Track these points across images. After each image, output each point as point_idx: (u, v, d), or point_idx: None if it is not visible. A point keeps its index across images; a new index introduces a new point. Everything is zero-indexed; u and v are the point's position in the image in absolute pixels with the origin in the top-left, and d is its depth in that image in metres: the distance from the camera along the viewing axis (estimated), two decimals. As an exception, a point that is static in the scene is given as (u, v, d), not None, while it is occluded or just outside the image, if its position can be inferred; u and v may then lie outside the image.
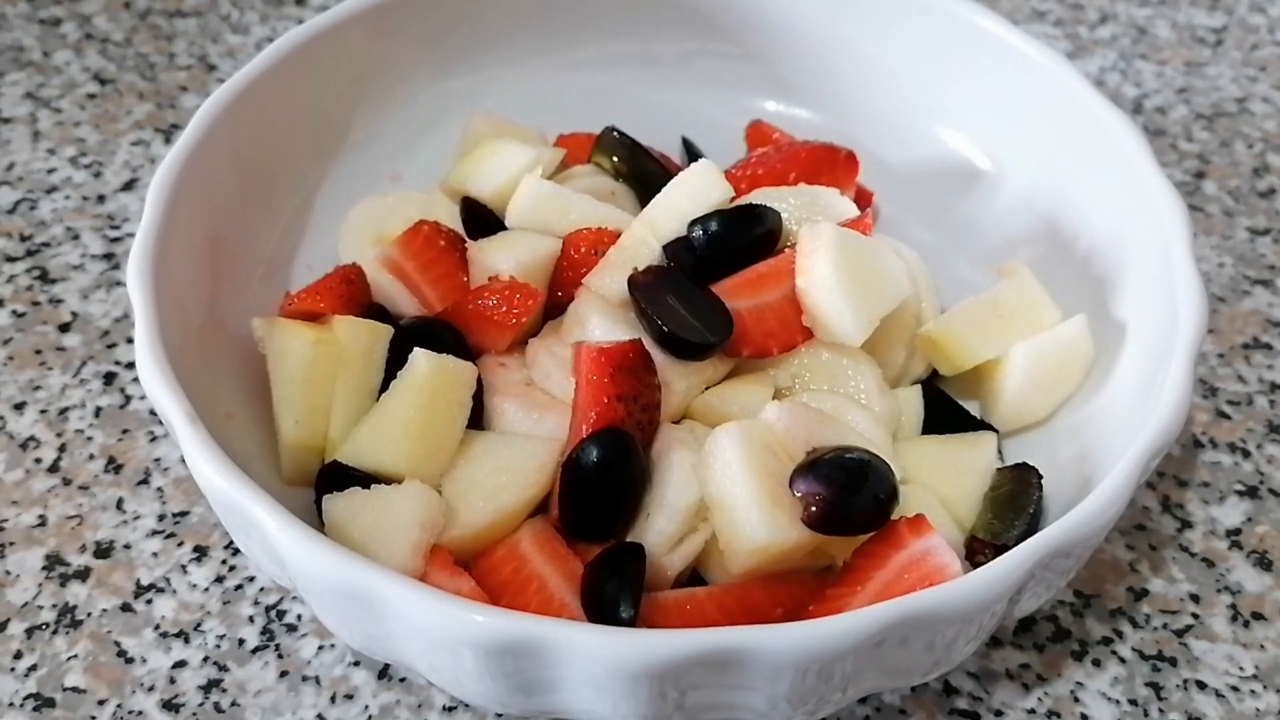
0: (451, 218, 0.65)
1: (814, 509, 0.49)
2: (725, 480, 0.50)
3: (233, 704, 0.54)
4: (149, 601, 0.58)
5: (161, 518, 0.61)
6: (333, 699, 0.54)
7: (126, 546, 0.60)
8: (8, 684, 0.55)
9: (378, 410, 0.55)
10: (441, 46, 0.72)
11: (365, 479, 0.53)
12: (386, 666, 0.55)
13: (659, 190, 0.61)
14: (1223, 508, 0.63)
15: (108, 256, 0.74)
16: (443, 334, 0.58)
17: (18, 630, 0.57)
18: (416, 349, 0.55)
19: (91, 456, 0.64)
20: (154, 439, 0.64)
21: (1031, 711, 0.55)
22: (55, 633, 0.57)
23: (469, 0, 0.71)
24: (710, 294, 0.56)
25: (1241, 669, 0.56)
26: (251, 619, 0.57)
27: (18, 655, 0.56)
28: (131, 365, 0.67)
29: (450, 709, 0.54)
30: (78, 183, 0.78)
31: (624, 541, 0.52)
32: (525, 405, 0.56)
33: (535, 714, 0.48)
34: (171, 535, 0.60)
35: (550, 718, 0.48)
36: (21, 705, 0.54)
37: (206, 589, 0.58)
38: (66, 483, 0.62)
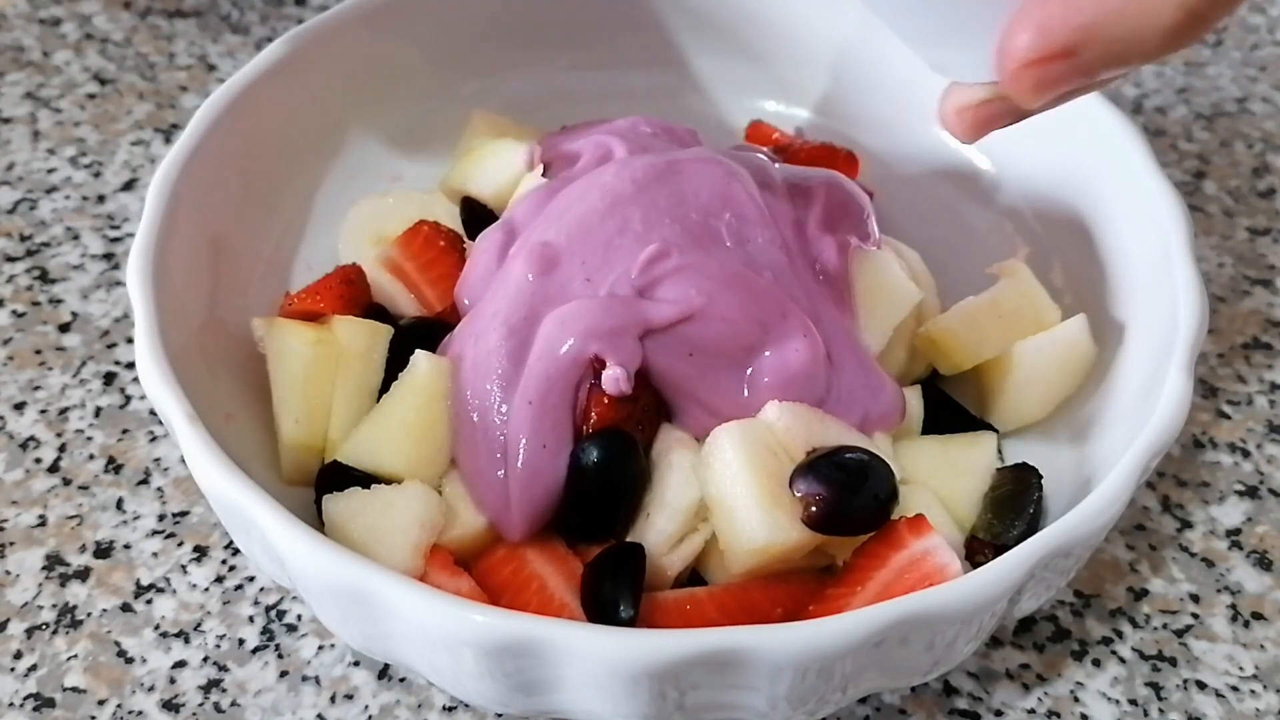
0: (451, 218, 0.65)
1: (814, 509, 0.49)
2: (725, 480, 0.50)
3: (233, 704, 0.54)
4: (149, 601, 0.58)
5: (161, 518, 0.61)
6: (333, 699, 0.54)
7: (126, 546, 0.60)
8: (8, 684, 0.55)
9: (378, 411, 0.55)
10: (441, 46, 0.72)
11: (365, 479, 0.53)
12: (386, 666, 0.55)
13: (659, 190, 0.61)
14: (1223, 508, 0.63)
15: (108, 256, 0.74)
16: (443, 334, 0.58)
17: (18, 630, 0.57)
18: (417, 350, 0.55)
19: (91, 456, 0.64)
20: (154, 439, 0.64)
21: (1031, 711, 0.55)
22: (55, 633, 0.57)
23: (469, 0, 0.71)
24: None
25: (1241, 669, 0.56)
26: (251, 619, 0.57)
27: (18, 655, 0.56)
28: (131, 365, 0.67)
29: (450, 709, 0.54)
30: (78, 183, 0.78)
31: (624, 541, 0.52)
32: (525, 405, 0.56)
33: (535, 714, 0.48)
34: (171, 535, 0.60)
35: (550, 718, 0.48)
36: (21, 705, 0.54)
37: (206, 589, 0.58)
38: (66, 483, 0.62)
